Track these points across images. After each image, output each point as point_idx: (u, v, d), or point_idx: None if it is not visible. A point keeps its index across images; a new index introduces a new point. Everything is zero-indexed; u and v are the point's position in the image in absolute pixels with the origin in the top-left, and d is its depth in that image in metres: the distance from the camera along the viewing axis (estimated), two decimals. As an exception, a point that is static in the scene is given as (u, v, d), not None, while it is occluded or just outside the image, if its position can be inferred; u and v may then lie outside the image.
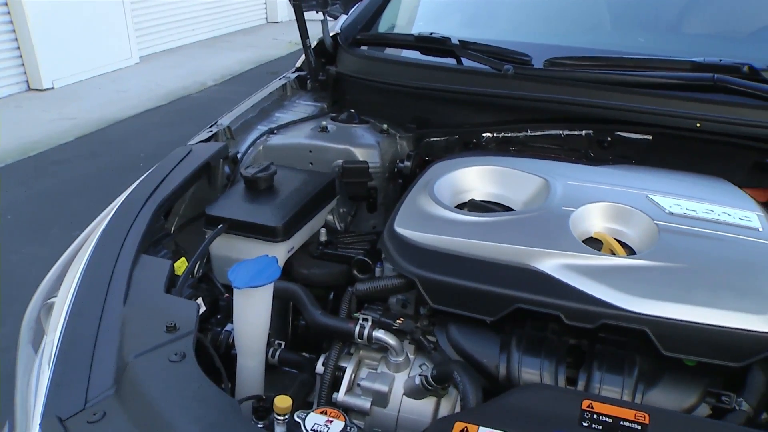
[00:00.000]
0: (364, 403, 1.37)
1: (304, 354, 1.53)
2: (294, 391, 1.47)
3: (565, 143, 2.02)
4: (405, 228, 1.46)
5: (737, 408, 1.22)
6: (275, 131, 2.04)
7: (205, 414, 1.08)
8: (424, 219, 1.48)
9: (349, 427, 1.10)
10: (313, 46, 2.40)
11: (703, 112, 1.86)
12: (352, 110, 2.11)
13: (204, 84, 8.22)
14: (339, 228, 1.91)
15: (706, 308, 1.23)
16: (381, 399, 1.36)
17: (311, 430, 1.09)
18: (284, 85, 2.41)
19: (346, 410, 1.40)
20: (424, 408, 1.35)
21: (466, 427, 1.05)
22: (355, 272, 1.58)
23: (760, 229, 1.44)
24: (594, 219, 1.48)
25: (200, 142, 1.96)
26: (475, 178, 1.66)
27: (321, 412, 1.13)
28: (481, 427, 1.05)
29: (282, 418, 1.14)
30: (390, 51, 2.45)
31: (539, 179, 1.59)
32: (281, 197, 1.68)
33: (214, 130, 2.01)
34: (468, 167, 1.67)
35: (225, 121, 2.07)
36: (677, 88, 1.98)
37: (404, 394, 1.36)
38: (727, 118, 1.85)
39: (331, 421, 1.11)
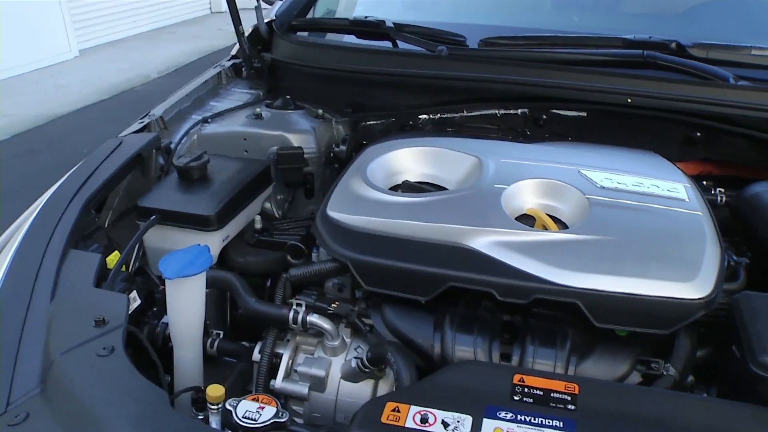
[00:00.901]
0: (302, 388, 1.36)
1: (243, 343, 1.51)
2: (232, 380, 1.46)
3: (502, 122, 2.03)
4: (337, 211, 1.45)
5: (665, 374, 1.24)
6: (209, 120, 2.01)
7: (133, 407, 1.06)
8: (357, 202, 1.47)
9: (280, 413, 1.09)
10: (248, 33, 2.36)
11: (633, 88, 1.89)
12: (288, 96, 2.09)
13: (148, 77, 8.06)
14: (277, 215, 1.89)
15: (635, 279, 1.24)
16: (318, 384, 1.35)
17: (242, 417, 1.08)
18: (219, 74, 2.37)
19: (285, 397, 1.39)
20: (362, 391, 1.34)
21: (397, 406, 1.04)
22: (288, 258, 1.56)
23: (687, 200, 1.47)
24: (526, 195, 1.49)
25: (131, 133, 1.91)
26: (408, 159, 1.65)
27: (253, 399, 1.11)
28: (412, 406, 1.04)
29: (215, 407, 1.12)
30: (325, 36, 2.43)
31: (472, 158, 1.60)
32: (215, 186, 1.65)
33: (146, 121, 1.97)
34: (401, 149, 1.66)
35: (158, 111, 2.03)
36: (609, 65, 2.01)
37: (342, 377, 1.36)
38: (656, 93, 1.88)
39: (262, 408, 1.10)
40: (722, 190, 1.73)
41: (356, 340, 1.40)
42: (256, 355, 1.42)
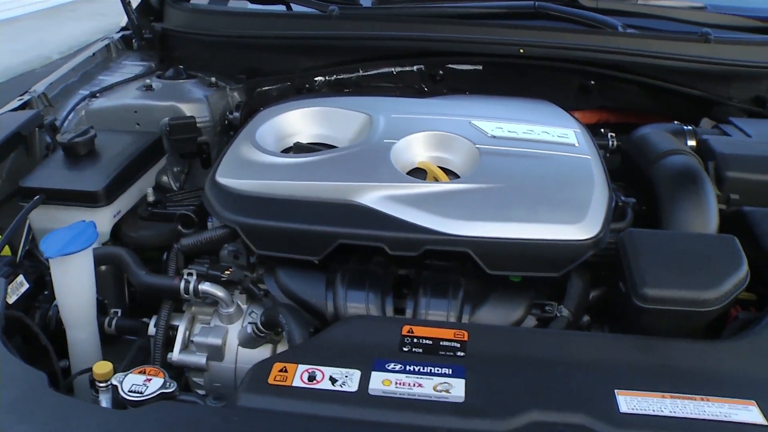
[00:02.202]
0: (200, 359, 1.33)
1: (144, 319, 1.47)
2: (131, 357, 1.42)
3: (399, 80, 2.02)
4: (226, 177, 1.42)
5: (559, 315, 1.26)
6: (97, 94, 1.93)
7: (11, 391, 1.02)
8: (246, 166, 1.44)
9: (168, 383, 1.06)
10: (138, 4, 2.28)
11: (525, 39, 1.90)
12: (181, 66, 2.03)
13: (49, 58, 7.67)
14: (174, 187, 1.85)
15: (525, 224, 1.26)
16: (216, 353, 1.33)
17: (128, 391, 1.04)
18: (108, 46, 2.28)
19: (184, 369, 1.36)
20: (261, 356, 1.32)
21: (284, 366, 1.03)
22: (179, 228, 1.52)
23: (577, 145, 1.49)
24: (417, 149, 1.48)
25: (9, 111, 1.82)
26: (299, 121, 1.62)
27: (139, 372, 1.08)
28: (299, 365, 1.03)
29: (104, 384, 1.09)
30: (218, 3, 2.37)
31: (363, 115, 1.58)
32: (103, 161, 1.60)
33: (27, 98, 1.88)
34: (291, 111, 1.63)
35: (39, 87, 1.94)
36: (503, 17, 2.02)
37: (239, 344, 1.33)
38: (548, 43, 1.89)
39: (149, 380, 1.06)
40: (613, 135, 1.76)
41: (252, 306, 1.37)
42: (151, 329, 1.38)
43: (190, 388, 1.39)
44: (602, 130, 1.87)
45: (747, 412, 0.98)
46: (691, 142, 1.63)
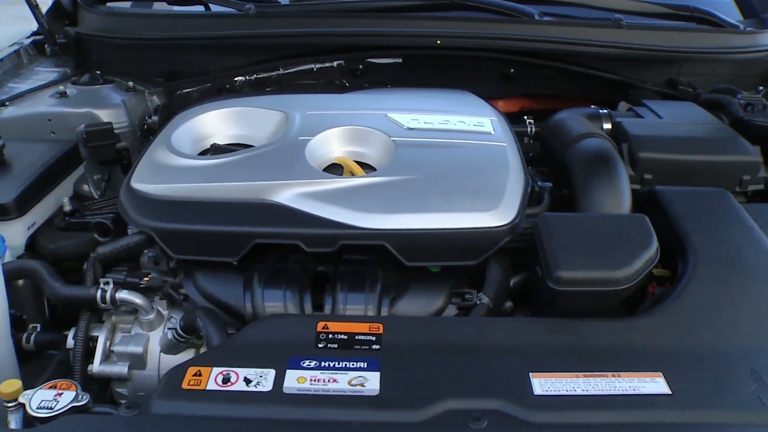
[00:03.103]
0: (121, 368, 1.30)
1: (65, 333, 1.43)
2: (50, 372, 1.38)
3: (320, 76, 2.01)
4: (142, 182, 1.39)
5: (478, 303, 1.27)
6: (7, 103, 1.87)
7: None
8: (162, 171, 1.42)
9: (80, 396, 1.03)
10: (49, 8, 2.22)
11: (443, 30, 1.92)
12: (97, 71, 1.98)
13: (-29, 68, 7.46)
14: (96, 195, 1.80)
15: (440, 214, 1.26)
16: (138, 361, 1.30)
17: (37, 408, 1.01)
18: (18, 52, 2.21)
19: (106, 380, 1.33)
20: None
21: (199, 370, 1.02)
22: (95, 236, 1.49)
23: (493, 133, 1.50)
24: (333, 145, 1.48)
25: None
26: (215, 122, 1.60)
27: (50, 387, 1.05)
28: (214, 368, 1.02)
29: (12, 404, 1.05)
30: (134, 5, 2.33)
31: (279, 113, 1.57)
32: (14, 172, 1.56)
33: None
34: (207, 113, 1.61)
35: None
36: (421, 9, 2.02)
37: (162, 351, 1.31)
38: (465, 33, 1.91)
39: (60, 394, 1.03)
40: (532, 121, 1.79)
41: (173, 312, 1.35)
42: (70, 342, 1.34)
43: (115, 400, 1.36)
44: (525, 117, 1.89)
45: (654, 384, 1.01)
46: (607, 125, 1.66)
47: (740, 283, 1.21)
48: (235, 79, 2.01)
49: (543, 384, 1.00)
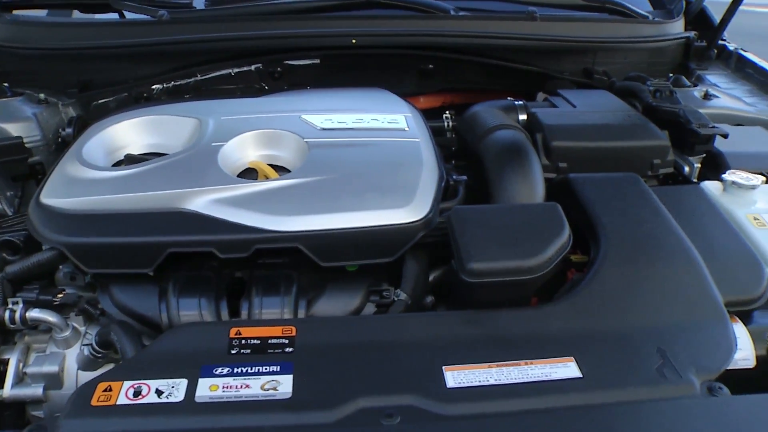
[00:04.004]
0: (35, 390, 1.26)
1: None
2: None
3: (238, 81, 2.00)
4: (52, 197, 1.35)
5: (396, 299, 1.27)
6: None
7: None
8: (72, 184, 1.38)
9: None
10: None
11: (358, 29, 1.92)
12: (5, 84, 1.92)
13: None
14: (9, 212, 1.75)
15: (354, 213, 1.26)
16: (54, 381, 1.27)
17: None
18: None
19: (22, 404, 1.29)
20: (102, 378, 1.27)
21: (109, 385, 0.99)
22: (4, 255, 1.44)
23: (407, 129, 1.51)
24: (247, 149, 1.47)
25: None
26: (129, 132, 1.57)
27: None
28: (125, 382, 1.00)
29: None
30: (50, 14, 2.27)
31: (193, 120, 1.55)
32: None
33: None
34: (119, 123, 1.58)
35: None
36: (336, 9, 2.02)
37: (79, 369, 1.28)
38: (380, 31, 1.92)
39: (-37, 421, 1.01)
40: (448, 116, 1.80)
41: (90, 327, 1.32)
42: None
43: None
44: (446, 112, 1.91)
45: (566, 369, 1.03)
46: (523, 116, 1.69)
47: (649, 264, 1.24)
48: (153, 87, 1.98)
49: (456, 376, 1.01)
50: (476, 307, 1.17)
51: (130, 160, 1.52)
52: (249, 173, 1.44)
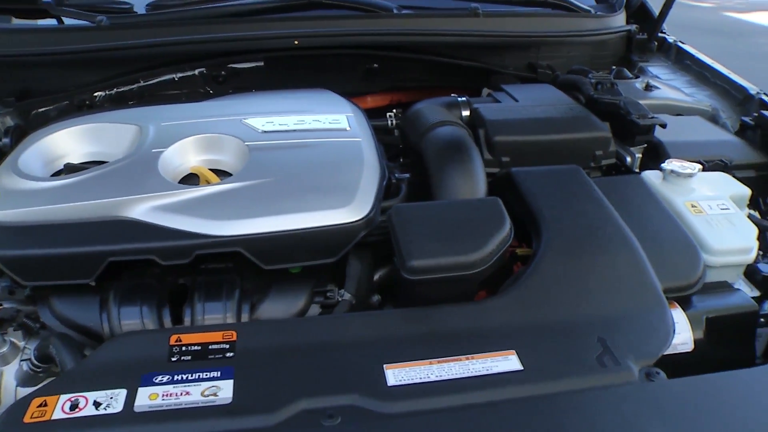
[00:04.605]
0: None
1: None
2: None
3: (182, 86, 1.98)
4: None
5: (340, 299, 1.27)
6: None
7: None
8: (8, 196, 1.35)
9: None
10: None
11: (300, 30, 1.91)
12: None
13: None
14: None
15: (295, 214, 1.25)
16: (-9, 399, 1.25)
17: None
18: None
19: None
20: (45, 392, 1.25)
21: (44, 400, 0.98)
22: None
23: (348, 129, 1.51)
24: (188, 155, 1.45)
25: None
26: (68, 141, 1.54)
27: None
28: (62, 395, 0.98)
29: None
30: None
31: (133, 127, 1.52)
32: None
33: None
34: (58, 131, 1.55)
35: None
36: (279, 11, 2.01)
37: (18, 385, 1.26)
38: (323, 32, 1.91)
39: None
40: (392, 114, 1.81)
41: (30, 342, 1.30)
42: None
43: None
44: (393, 110, 1.91)
45: (507, 362, 1.04)
46: (465, 112, 1.70)
47: (589, 255, 1.26)
48: (95, 94, 1.95)
49: (397, 374, 1.01)
50: (421, 305, 1.18)
51: (70, 169, 1.50)
52: (191, 179, 1.42)
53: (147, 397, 0.97)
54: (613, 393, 1.02)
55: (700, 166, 1.54)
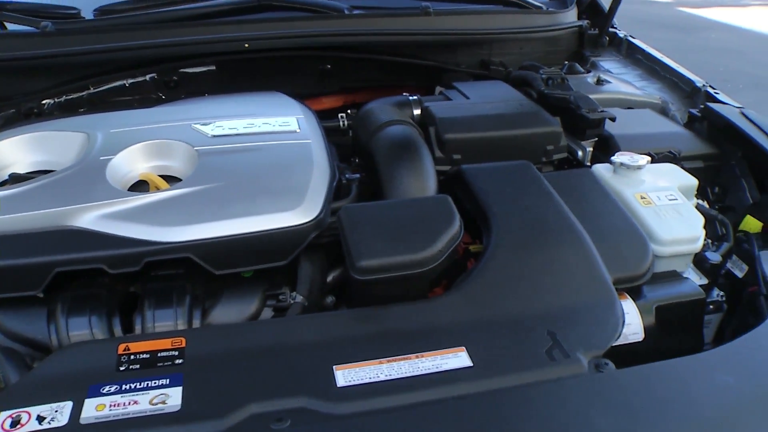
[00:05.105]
0: None
1: None
2: None
3: (134, 92, 1.95)
4: None
5: (293, 302, 1.27)
6: None
7: None
8: None
9: None
10: None
11: (250, 33, 1.90)
12: None
13: None
14: None
15: (244, 218, 1.25)
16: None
17: None
18: None
19: None
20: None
21: (-19, 418, 0.96)
22: None
23: (298, 131, 1.51)
24: (136, 162, 1.44)
25: None
26: (12, 151, 1.52)
27: None
28: (3, 411, 0.96)
29: None
30: None
31: (80, 135, 1.51)
32: None
33: None
34: (2, 141, 1.52)
35: None
36: (229, 14, 2.00)
37: None
38: (273, 34, 1.90)
39: None
40: (343, 115, 1.80)
41: None
42: None
43: None
44: (348, 111, 1.91)
45: (456, 359, 1.05)
46: (417, 111, 1.71)
47: (538, 249, 1.27)
48: (43, 102, 1.91)
49: (346, 375, 1.01)
50: (373, 304, 1.18)
51: (15, 179, 1.47)
52: (141, 186, 1.41)
53: (94, 409, 0.96)
54: (561, 386, 1.03)
55: (648, 158, 1.56)
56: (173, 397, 0.98)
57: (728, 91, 2.07)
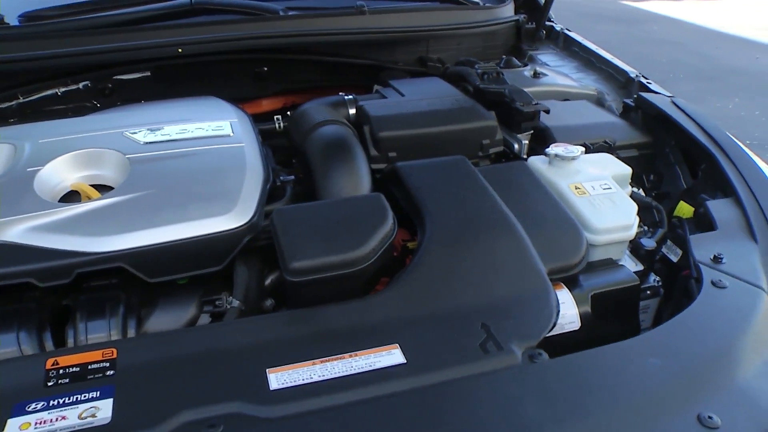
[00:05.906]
0: None
1: None
2: None
3: (67, 101, 1.92)
4: None
5: (229, 307, 1.26)
6: None
7: None
8: None
9: None
10: None
11: (183, 37, 1.88)
12: None
13: None
14: None
15: (176, 225, 1.24)
16: None
17: None
18: None
19: None
20: None
21: None
22: None
23: (231, 135, 1.50)
24: (66, 172, 1.41)
25: None
26: (-66, 165, 1.48)
27: None
28: (-76, 440, 0.94)
29: None
30: None
31: (7, 146, 1.47)
32: None
33: None
34: None
35: None
36: (162, 19, 1.97)
37: None
38: (206, 38, 1.89)
39: None
40: (279, 117, 1.80)
41: None
42: None
43: None
44: (288, 113, 1.90)
45: (390, 356, 1.05)
46: (352, 110, 1.71)
47: (472, 243, 1.28)
48: None
49: (279, 378, 1.01)
50: (310, 305, 1.17)
51: (-59, 195, 1.44)
52: (73, 196, 1.38)
53: (18, 428, 0.94)
54: (495, 378, 1.04)
55: (583, 149, 1.59)
56: (103, 410, 0.96)
57: (670, 82, 2.13)
